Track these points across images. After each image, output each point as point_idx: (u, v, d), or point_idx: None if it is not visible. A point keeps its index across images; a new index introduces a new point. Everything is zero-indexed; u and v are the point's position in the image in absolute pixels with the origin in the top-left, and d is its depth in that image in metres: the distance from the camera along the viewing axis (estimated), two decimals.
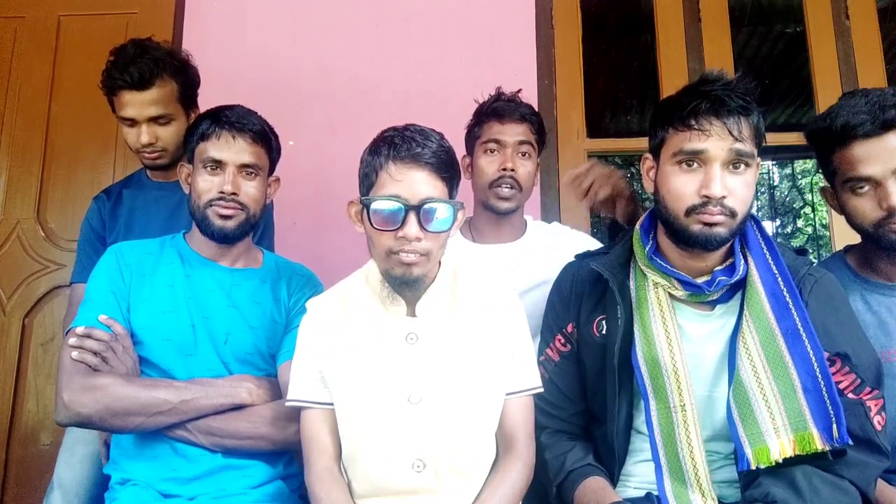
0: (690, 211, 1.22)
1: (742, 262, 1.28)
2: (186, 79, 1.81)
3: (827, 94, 2.46)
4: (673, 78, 2.48)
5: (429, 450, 1.22)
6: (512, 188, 1.74)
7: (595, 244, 1.85)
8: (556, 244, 1.81)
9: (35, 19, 2.62)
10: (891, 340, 1.42)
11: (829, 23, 2.52)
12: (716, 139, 1.20)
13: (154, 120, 1.75)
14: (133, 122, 1.75)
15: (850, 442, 1.16)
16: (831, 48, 2.50)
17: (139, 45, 1.74)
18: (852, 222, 1.48)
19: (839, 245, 1.81)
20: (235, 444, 1.40)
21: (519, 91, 1.82)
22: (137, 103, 1.73)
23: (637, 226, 1.40)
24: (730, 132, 1.20)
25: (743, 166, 1.22)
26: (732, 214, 1.21)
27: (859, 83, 2.44)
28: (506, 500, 1.23)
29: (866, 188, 1.41)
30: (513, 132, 1.75)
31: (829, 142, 1.45)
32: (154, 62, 1.72)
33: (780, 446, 1.16)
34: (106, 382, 1.34)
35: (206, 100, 1.82)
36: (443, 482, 1.21)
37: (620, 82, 4.67)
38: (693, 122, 1.21)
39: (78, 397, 1.32)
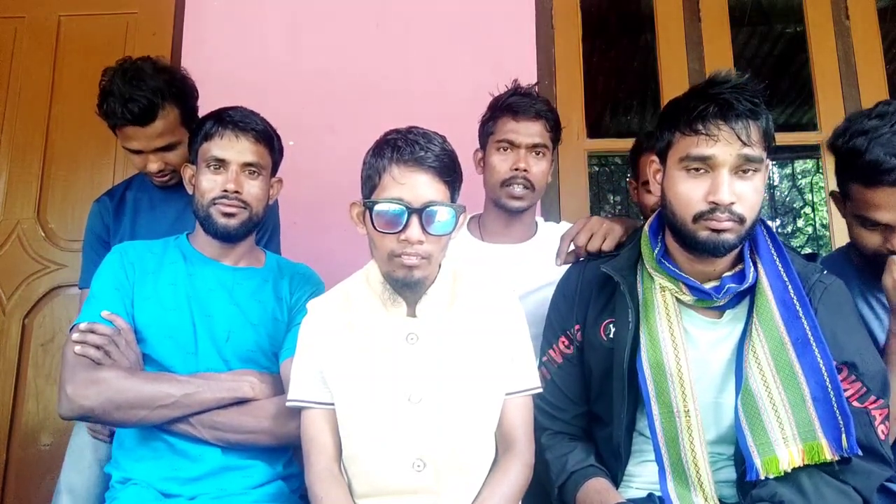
0: (698, 217, 1.20)
1: (752, 268, 1.27)
2: (187, 100, 1.78)
3: (827, 94, 2.47)
4: (673, 78, 2.48)
5: (429, 449, 1.22)
6: (525, 188, 1.72)
7: None
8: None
9: (35, 19, 2.62)
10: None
11: (829, 23, 2.52)
12: (723, 144, 1.17)
13: (161, 149, 1.75)
14: (140, 152, 1.75)
15: (860, 452, 1.15)
16: (831, 48, 2.50)
17: (135, 75, 1.69)
18: (852, 238, 1.47)
19: (839, 245, 1.81)
20: (238, 439, 1.40)
21: (535, 84, 1.79)
22: (143, 137, 1.72)
23: (645, 227, 1.38)
24: (738, 137, 1.17)
25: (751, 171, 1.19)
26: (741, 220, 1.19)
27: (859, 83, 2.44)
28: (505, 499, 1.23)
29: (874, 226, 1.38)
30: (527, 131, 1.71)
31: (853, 169, 1.37)
32: (153, 93, 1.67)
33: (788, 456, 1.16)
34: (109, 376, 1.34)
35: (207, 100, 1.82)
36: (443, 481, 1.22)
37: (620, 82, 4.67)
38: (700, 127, 1.18)
39: (81, 390, 1.33)
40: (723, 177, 1.18)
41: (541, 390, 1.36)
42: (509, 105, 1.73)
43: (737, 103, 1.17)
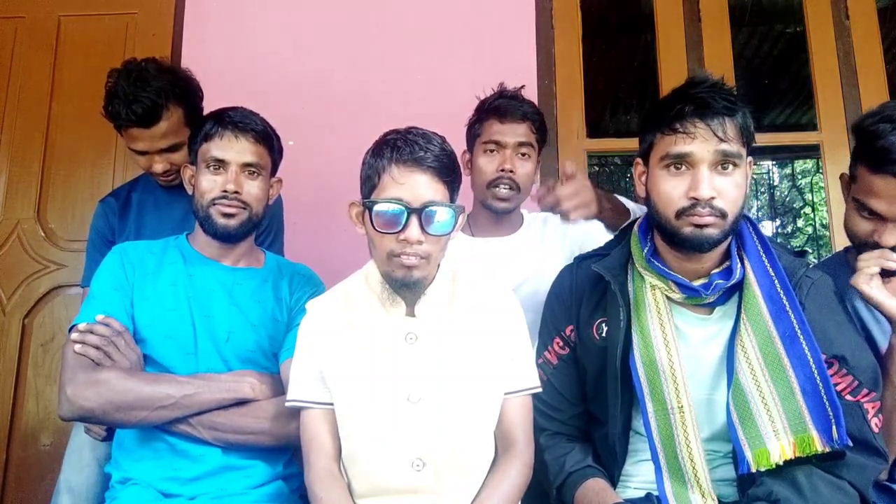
0: (680, 214, 1.23)
1: (738, 264, 1.29)
2: (191, 100, 1.78)
3: (827, 94, 2.47)
4: (673, 78, 2.47)
5: (428, 449, 1.22)
6: (510, 189, 1.73)
7: (596, 228, 1.83)
8: (552, 237, 1.81)
9: (35, 19, 2.62)
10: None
11: (829, 23, 2.52)
12: (701, 141, 1.21)
13: (166, 149, 1.75)
14: (145, 153, 1.76)
15: (850, 443, 1.16)
16: (831, 48, 2.50)
17: (139, 76, 1.69)
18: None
19: (839, 245, 1.81)
20: (238, 439, 1.40)
21: (521, 87, 1.80)
22: (147, 138, 1.72)
23: (635, 227, 1.40)
24: (714, 133, 1.20)
25: (731, 166, 1.22)
26: (723, 215, 1.21)
27: (859, 83, 2.45)
28: (505, 499, 1.23)
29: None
30: (513, 133, 1.73)
31: (866, 151, 1.39)
32: (157, 94, 1.68)
33: (780, 449, 1.17)
34: (109, 377, 1.35)
35: (207, 100, 1.83)
36: (442, 481, 1.22)
37: (620, 82, 4.68)
38: (678, 126, 1.22)
39: (81, 391, 1.33)
40: (702, 173, 1.21)
41: (540, 390, 1.36)
42: (496, 108, 1.74)
43: (713, 101, 1.21)
